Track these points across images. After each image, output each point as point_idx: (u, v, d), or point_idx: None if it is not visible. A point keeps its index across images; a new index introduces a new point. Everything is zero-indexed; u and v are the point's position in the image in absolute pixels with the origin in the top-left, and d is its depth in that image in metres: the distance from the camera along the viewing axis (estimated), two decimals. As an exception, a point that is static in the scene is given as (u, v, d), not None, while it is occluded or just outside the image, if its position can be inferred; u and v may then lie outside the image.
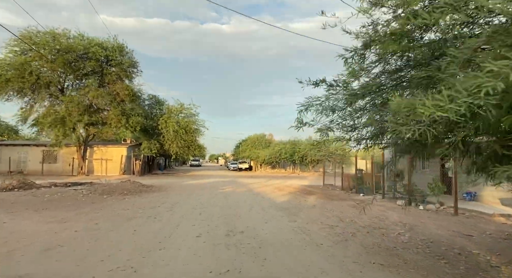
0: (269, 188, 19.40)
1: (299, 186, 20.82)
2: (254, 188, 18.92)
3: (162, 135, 32.85)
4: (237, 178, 29.73)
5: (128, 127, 29.90)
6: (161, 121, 32.72)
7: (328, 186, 20.28)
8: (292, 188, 19.56)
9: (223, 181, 25.05)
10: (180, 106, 34.04)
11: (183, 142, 33.06)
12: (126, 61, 29.65)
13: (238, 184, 21.98)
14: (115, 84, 29.37)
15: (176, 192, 15.99)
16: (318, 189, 18.94)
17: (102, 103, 29.49)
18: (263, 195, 14.96)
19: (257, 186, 20.42)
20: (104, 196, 13.97)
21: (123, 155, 31.16)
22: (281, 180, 27.40)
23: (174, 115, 33.65)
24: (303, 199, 13.52)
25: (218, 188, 18.34)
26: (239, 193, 16.12)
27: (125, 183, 18.85)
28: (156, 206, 11.06)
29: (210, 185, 21.14)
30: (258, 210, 10.02)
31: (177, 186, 19.78)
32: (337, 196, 14.87)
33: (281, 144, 43.33)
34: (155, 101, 35.20)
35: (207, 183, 23.08)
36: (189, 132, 33.51)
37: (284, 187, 20.21)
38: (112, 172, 30.78)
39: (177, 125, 32.54)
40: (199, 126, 34.90)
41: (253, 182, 24.05)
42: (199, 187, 19.00)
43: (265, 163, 43.21)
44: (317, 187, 20.47)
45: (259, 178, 30.86)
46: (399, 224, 8.06)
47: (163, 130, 32.55)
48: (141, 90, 32.34)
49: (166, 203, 11.68)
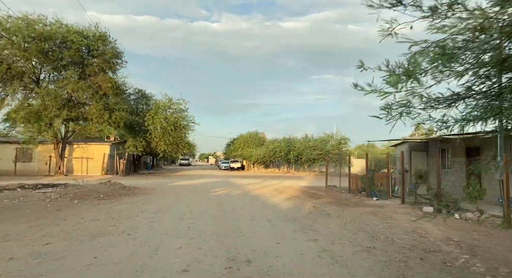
0: (267, 190, 17.41)
1: (299, 188, 18.88)
2: (250, 190, 16.90)
3: (148, 132, 30.58)
4: (229, 178, 27.66)
5: (111, 123, 27.53)
6: (148, 117, 30.43)
7: (331, 188, 18.39)
8: (293, 189, 17.60)
9: (215, 182, 22.96)
10: (168, 101, 31.79)
11: (171, 139, 30.85)
12: (109, 52, 27.28)
13: (232, 185, 19.92)
14: (97, 76, 26.99)
15: (161, 196, 13.86)
16: (321, 191, 17.02)
17: (83, 96, 27.09)
18: (263, 200, 12.95)
19: (253, 188, 18.40)
20: (75, 201, 11.77)
21: (105, 153, 28.78)
22: (278, 181, 25.45)
23: (162, 110, 31.40)
24: (310, 204, 11.55)
25: (210, 190, 16.26)
26: (234, 196, 14.07)
27: (104, 184, 16.70)
28: (135, 215, 8.95)
29: (201, 186, 19.04)
30: (263, 222, 8.01)
31: (164, 188, 17.63)
32: (347, 200, 12.95)
33: (275, 142, 41.39)
34: (141, 96, 32.86)
35: (197, 184, 20.96)
36: (178, 129, 31.32)
37: (283, 188, 18.25)
38: (94, 172, 28.38)
39: (165, 121, 30.30)
40: (188, 122, 32.74)
41: (248, 183, 22.02)
42: (188, 189, 16.89)
43: (259, 162, 41.22)
44: (319, 188, 18.56)
45: (253, 178, 28.86)
46: (450, 243, 6.14)
47: (150, 127, 30.28)
48: (125, 84, 29.98)
49: (147, 211, 9.57)
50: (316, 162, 40.06)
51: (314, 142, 39.99)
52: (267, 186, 19.79)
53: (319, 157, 38.78)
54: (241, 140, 47.18)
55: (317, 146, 39.14)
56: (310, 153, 38.30)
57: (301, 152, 38.42)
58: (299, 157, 38.79)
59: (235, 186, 19.86)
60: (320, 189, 18.39)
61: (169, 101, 31.81)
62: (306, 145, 39.51)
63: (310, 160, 39.03)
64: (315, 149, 38.91)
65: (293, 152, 38.49)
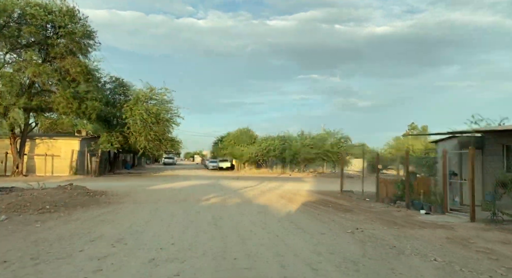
0: (270, 196, 13.88)
1: (308, 193, 15.44)
2: (250, 197, 13.33)
3: (126, 126, 26.55)
4: (220, 180, 24.01)
5: (80, 114, 23.45)
6: (126, 108, 26.40)
7: (349, 194, 15.02)
8: (302, 196, 14.14)
9: (204, 185, 19.27)
10: (150, 91, 27.80)
11: (153, 134, 26.90)
12: (79, 31, 23.15)
13: (225, 190, 16.29)
14: (65, 59, 22.87)
15: (133, 207, 10.14)
16: (339, 198, 13.61)
17: (47, 82, 22.91)
18: (274, 213, 9.41)
19: (252, 193, 14.84)
20: (1, 217, 8.00)
21: (74, 150, 24.65)
22: (276, 183, 21.96)
23: (142, 101, 27.39)
24: (346, 223, 8.08)
25: (200, 198, 12.61)
26: (233, 208, 10.47)
27: (62, 189, 12.92)
28: (77, 249, 5.30)
29: (188, 191, 15.34)
30: (302, 270, 4.47)
31: (140, 194, 13.88)
32: (388, 214, 9.54)
33: (269, 139, 37.87)
34: (118, 85, 28.71)
35: (182, 187, 17.23)
36: (160, 123, 27.38)
37: (290, 194, 14.76)
38: (61, 171, 24.23)
39: (146, 113, 26.34)
40: (173, 115, 28.80)
41: (244, 186, 18.43)
42: (171, 196, 13.18)
43: (251, 162, 37.64)
44: (333, 194, 15.17)
45: (247, 179, 25.28)
46: None
47: (128, 120, 26.26)
48: (99, 69, 25.83)
49: (101, 239, 5.91)
50: (313, 162, 36.80)
51: (312, 139, 36.71)
52: (267, 191, 16.26)
53: (317, 156, 35.52)
54: (230, 137, 43.45)
55: (314, 144, 35.87)
56: (308, 151, 34.99)
57: (297, 150, 35.06)
58: (295, 156, 35.44)
59: (229, 190, 16.25)
60: (335, 195, 14.99)
61: (151, 91, 27.84)
62: (303, 143, 36.19)
63: (307, 159, 35.73)
64: (313, 147, 35.63)
65: (288, 151, 35.09)
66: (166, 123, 28.26)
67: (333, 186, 21.07)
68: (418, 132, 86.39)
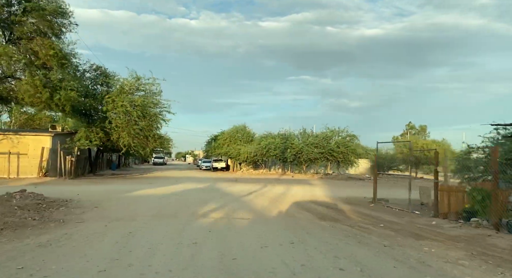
0: (287, 207, 10.56)
1: (332, 202, 12.16)
2: (262, 209, 9.98)
3: (108, 121, 23.01)
4: (217, 183, 20.61)
5: (52, 106, 19.85)
6: (108, 100, 22.86)
7: (385, 203, 11.78)
8: (328, 207, 10.87)
9: (198, 190, 15.86)
10: (136, 81, 24.29)
11: (138, 129, 23.40)
12: (50, 7, 19.57)
13: (226, 197, 12.91)
14: (33, 40, 19.32)
15: (96, 228, 6.71)
16: (379, 210, 10.36)
17: (10, 66, 19.25)
18: (318, 246, 6.08)
19: (261, 203, 11.50)
20: None
21: (45, 148, 20.99)
22: (282, 186, 18.68)
23: (127, 92, 23.88)
24: (455, 270, 4.82)
25: (195, 212, 9.22)
26: (247, 233, 7.09)
27: (6, 198, 9.61)
28: None
29: (178, 199, 11.93)
30: None
31: (115, 204, 10.45)
32: (483, 243, 6.31)
33: (269, 137, 34.54)
34: (100, 74, 25.07)
35: (172, 194, 13.80)
36: (147, 117, 23.89)
37: (310, 204, 11.47)
38: (28, 173, 20.57)
39: (131, 106, 22.85)
40: (162, 109, 25.33)
41: (246, 191, 15.09)
42: (156, 208, 9.76)
43: (249, 162, 34.26)
44: (363, 203, 11.95)
45: (247, 182, 21.94)
46: None
47: (110, 113, 22.73)
48: (76, 54, 22.23)
49: None
50: (317, 163, 33.61)
51: (315, 138, 33.51)
52: (278, 197, 12.93)
53: (321, 156, 32.34)
54: (226, 136, 40.01)
55: (318, 143, 32.67)
56: (311, 151, 31.77)
57: (300, 149, 31.81)
58: (297, 156, 32.18)
59: (231, 197, 12.89)
60: (366, 205, 11.75)
61: (137, 81, 24.32)
62: (306, 142, 32.98)
63: (309, 159, 32.52)
64: (316, 146, 32.44)
65: (290, 150, 31.81)
66: (154, 119, 24.75)
67: (351, 190, 17.94)
68: (416, 131, 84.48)
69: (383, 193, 15.87)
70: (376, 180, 12.02)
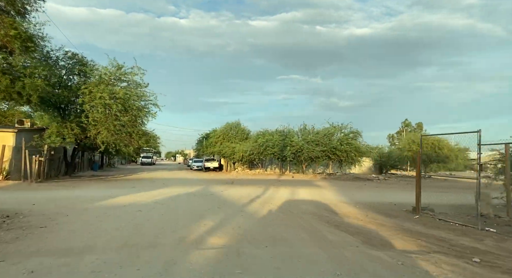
0: (309, 221, 7.84)
1: (360, 213, 9.50)
2: (275, 225, 7.24)
3: (84, 114, 20.01)
4: (210, 185, 17.80)
5: (13, 95, 16.79)
6: (84, 90, 19.83)
7: (430, 213, 9.16)
8: (360, 219, 8.21)
9: (189, 196, 13.02)
10: (117, 70, 21.27)
11: (120, 125, 20.46)
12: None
13: (225, 207, 10.12)
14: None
15: None
16: (442, 228, 7.73)
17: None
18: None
19: (281, 218, 8.76)
20: None
21: (7, 146, 17.84)
22: (287, 189, 16.01)
23: (106, 83, 20.89)
24: None
25: (184, 236, 6.42)
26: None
27: None
28: None
29: (162, 213, 9.08)
30: None
31: (75, 219, 7.59)
32: None
33: (266, 134, 31.79)
34: (76, 62, 21.96)
35: (156, 202, 10.93)
36: (130, 111, 20.94)
37: (333, 215, 8.78)
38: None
39: (111, 98, 19.88)
40: (147, 103, 22.38)
41: (248, 197, 12.34)
42: (128, 227, 6.92)
43: (244, 161, 31.46)
44: (403, 214, 9.34)
45: (245, 184, 19.19)
46: None
47: (86, 106, 19.71)
48: (45, 37, 19.13)
49: None
50: (317, 161, 31.03)
51: (316, 135, 30.92)
52: (291, 207, 10.21)
53: (322, 154, 29.77)
54: (218, 133, 37.12)
55: (319, 140, 30.10)
56: (312, 149, 29.15)
57: (300, 147, 29.15)
58: (297, 155, 29.51)
59: (231, 207, 10.12)
60: (406, 215, 9.13)
61: (118, 70, 21.31)
62: (306, 139, 30.37)
63: (310, 158, 29.91)
64: (318, 144, 29.86)
65: (290, 148, 29.12)
66: (138, 113, 21.78)
67: (367, 194, 15.40)
68: (411, 129, 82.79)
69: (405, 197, 13.33)
70: (420, 183, 9.35)
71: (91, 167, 33.82)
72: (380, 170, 36.89)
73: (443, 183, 23.94)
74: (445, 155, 26.80)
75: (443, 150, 26.90)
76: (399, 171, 38.09)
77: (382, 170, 36.88)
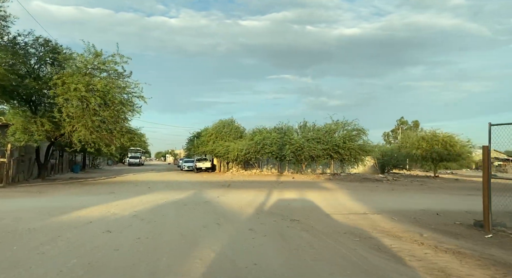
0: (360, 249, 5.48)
1: (421, 233, 7.15)
2: (318, 262, 4.83)
3: (58, 109, 17.34)
4: (203, 190, 15.30)
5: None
6: (56, 81, 17.14)
7: (505, 230, 6.86)
8: (443, 252, 5.85)
9: (177, 204, 10.47)
10: (94, 57, 18.59)
11: (99, 121, 17.82)
12: None
13: (229, 226, 7.62)
14: None
15: None
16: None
17: None
18: None
19: (315, 247, 6.36)
20: None
21: (-40, 145, 15.05)
22: (293, 193, 13.63)
23: (83, 73, 18.23)
24: None
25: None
26: None
27: None
28: None
29: (141, 233, 6.56)
30: None
31: (5, 250, 5.02)
32: None
33: (264, 131, 29.34)
34: (49, 50, 19.21)
35: (134, 215, 8.36)
36: (111, 105, 18.31)
37: (387, 238, 6.42)
38: None
39: (87, 90, 17.24)
40: (131, 96, 19.75)
41: (255, 206, 9.90)
42: (78, 268, 4.44)
43: (240, 161, 28.95)
44: (462, 230, 7.03)
45: (243, 187, 16.74)
46: None
47: (59, 99, 17.04)
48: (8, 17, 16.39)
49: None
50: (318, 160, 28.75)
51: (317, 132, 28.63)
52: (318, 222, 7.83)
53: (324, 153, 27.50)
54: (210, 131, 34.53)
55: (320, 138, 27.83)
56: (313, 147, 26.85)
57: (300, 145, 26.81)
58: (296, 153, 27.15)
59: (236, 223, 7.68)
60: (472, 233, 6.84)
61: (96, 58, 18.62)
62: (307, 136, 28.07)
63: (311, 157, 27.61)
64: (319, 141, 27.59)
65: (289, 146, 26.74)
66: (121, 108, 19.12)
67: (388, 198, 13.14)
68: (407, 127, 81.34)
69: (434, 202, 11.11)
70: (489, 190, 7.01)
71: (72, 169, 30.93)
72: (382, 170, 34.84)
73: (460, 183, 21.93)
74: (457, 152, 24.78)
75: (455, 147, 24.87)
76: (402, 170, 36.12)
77: (384, 169, 34.83)
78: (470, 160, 26.75)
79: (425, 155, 25.46)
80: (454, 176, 32.38)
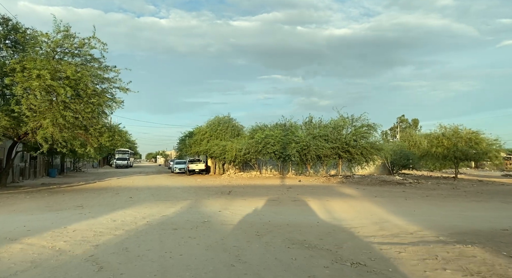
0: None
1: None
2: None
3: (15, 101, 14.03)
4: (200, 200, 12.14)
5: None
6: (15, 66, 13.81)
7: None
8: None
9: (165, 225, 7.29)
10: (64, 37, 15.26)
11: (71, 117, 14.50)
12: None
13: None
14: None
15: None
16: None
17: None
18: None
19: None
20: None
21: None
22: (317, 205, 10.60)
23: (49, 56, 14.93)
24: None
25: None
26: None
27: None
28: None
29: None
30: None
31: None
32: None
33: (266, 129, 26.19)
34: (10, 30, 15.82)
35: (91, 256, 5.19)
36: (85, 97, 15.01)
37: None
38: None
39: (55, 79, 13.96)
40: (111, 86, 16.48)
41: (279, 224, 6.84)
42: None
43: (238, 162, 25.76)
44: None
45: (250, 195, 13.63)
46: None
47: (18, 89, 13.73)
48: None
49: None
50: (325, 161, 25.78)
51: (324, 129, 25.66)
52: (378, 259, 4.82)
53: (332, 152, 24.55)
54: (204, 130, 31.25)
55: (328, 135, 24.87)
56: (321, 146, 23.85)
57: (306, 144, 23.76)
58: (301, 153, 24.10)
59: (261, 267, 4.58)
60: None
61: (66, 39, 15.29)
62: (313, 134, 25.07)
63: (318, 157, 24.63)
64: (326, 139, 24.62)
65: (295, 145, 23.68)
66: (98, 100, 15.74)
67: (445, 210, 10.21)
68: (407, 125, 79.21)
69: (498, 214, 8.24)
70: None
71: (48, 173, 27.40)
72: (390, 170, 32.05)
73: (492, 186, 19.18)
74: (483, 150, 22.09)
75: (480, 145, 22.16)
76: (412, 170, 33.42)
77: (393, 169, 32.04)
78: (497, 160, 24.04)
79: (447, 153, 22.69)
80: (467, 176, 29.78)
